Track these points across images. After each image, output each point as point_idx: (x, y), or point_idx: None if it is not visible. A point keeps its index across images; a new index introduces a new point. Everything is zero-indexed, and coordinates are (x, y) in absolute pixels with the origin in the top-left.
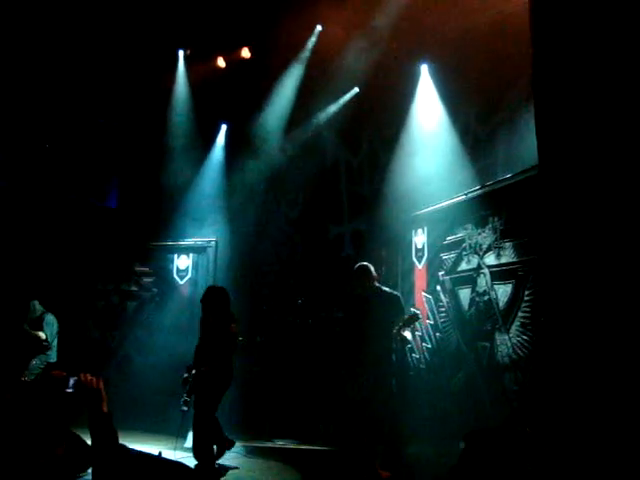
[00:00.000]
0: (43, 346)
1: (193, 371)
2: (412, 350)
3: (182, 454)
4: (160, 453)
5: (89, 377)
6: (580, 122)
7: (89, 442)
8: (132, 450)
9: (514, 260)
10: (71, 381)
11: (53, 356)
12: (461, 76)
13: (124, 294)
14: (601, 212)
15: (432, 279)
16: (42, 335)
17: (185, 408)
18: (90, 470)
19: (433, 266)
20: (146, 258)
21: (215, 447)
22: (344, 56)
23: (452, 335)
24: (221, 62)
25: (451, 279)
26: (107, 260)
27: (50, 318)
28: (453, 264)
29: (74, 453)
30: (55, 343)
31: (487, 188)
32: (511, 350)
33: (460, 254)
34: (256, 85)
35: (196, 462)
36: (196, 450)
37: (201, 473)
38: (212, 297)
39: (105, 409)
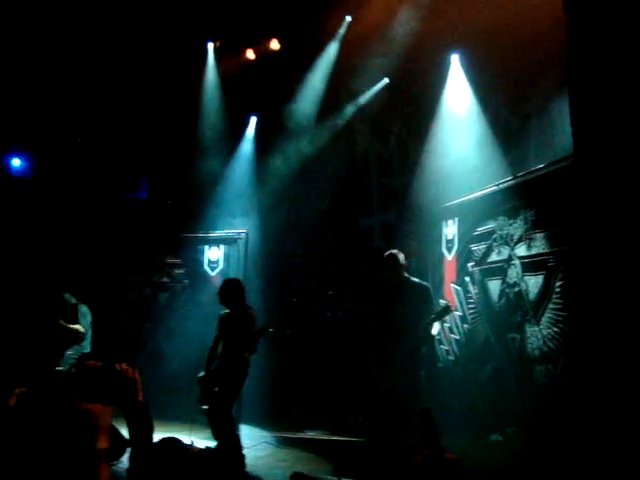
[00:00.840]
0: (78, 337)
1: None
2: (440, 342)
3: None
4: (192, 442)
5: (124, 367)
6: (617, 110)
7: (122, 432)
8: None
9: (545, 251)
10: (107, 370)
11: (87, 346)
12: (492, 65)
13: (155, 286)
14: (637, 203)
15: (461, 270)
16: (80, 328)
17: (205, 406)
18: (122, 459)
19: (462, 257)
20: (177, 250)
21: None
22: (374, 47)
23: (480, 327)
24: (250, 54)
25: (480, 270)
26: (138, 252)
27: (84, 309)
28: (483, 255)
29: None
30: (89, 334)
31: (519, 179)
32: (541, 342)
33: (490, 245)
34: (285, 77)
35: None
36: (220, 440)
37: (228, 460)
38: (227, 289)
39: (141, 399)
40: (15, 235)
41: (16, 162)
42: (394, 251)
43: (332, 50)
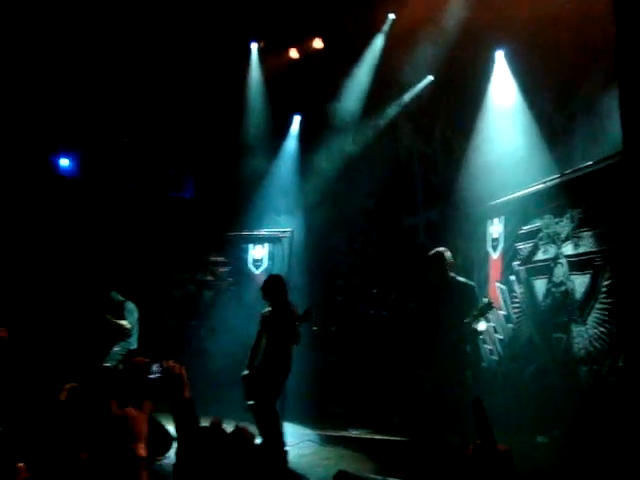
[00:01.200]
0: (124, 333)
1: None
2: (484, 341)
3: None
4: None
5: (171, 363)
6: None
7: (167, 427)
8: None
9: (592, 250)
10: (154, 367)
11: (134, 343)
12: (538, 61)
13: (200, 284)
14: None
15: (506, 269)
16: (126, 324)
17: (251, 402)
18: (168, 454)
19: (508, 256)
20: (222, 248)
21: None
22: (417, 44)
23: (525, 327)
24: (294, 53)
25: (526, 269)
26: (183, 250)
27: (130, 306)
28: (529, 254)
29: (152, 438)
30: (136, 330)
31: (566, 176)
32: (587, 342)
33: (536, 244)
34: (329, 75)
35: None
36: (265, 436)
37: (271, 454)
38: (270, 285)
39: (187, 395)
40: (63, 234)
41: (64, 162)
42: (440, 249)
43: (376, 48)
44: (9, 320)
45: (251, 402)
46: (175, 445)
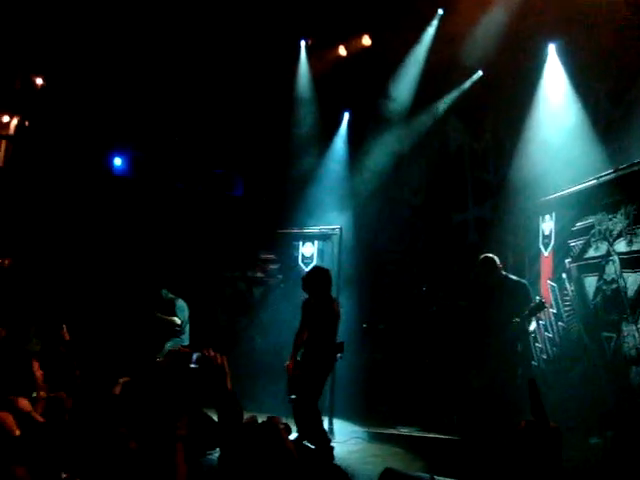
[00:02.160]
0: (176, 330)
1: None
2: (535, 339)
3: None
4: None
5: (212, 353)
6: None
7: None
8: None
9: None
10: (194, 357)
11: (185, 340)
12: (591, 53)
13: (250, 281)
14: None
15: (558, 267)
16: (177, 320)
17: (293, 396)
18: (218, 449)
19: (560, 253)
20: (272, 245)
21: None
22: (467, 39)
23: (574, 325)
24: (342, 50)
25: (577, 266)
26: (234, 248)
27: (181, 303)
28: (580, 251)
29: (202, 432)
30: (187, 327)
31: (620, 172)
32: (638, 342)
33: (588, 240)
34: (378, 72)
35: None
36: (307, 435)
37: (318, 452)
38: (311, 277)
39: (229, 386)
40: (116, 233)
41: (117, 161)
42: (489, 255)
43: (425, 43)
44: (66, 315)
45: (293, 396)
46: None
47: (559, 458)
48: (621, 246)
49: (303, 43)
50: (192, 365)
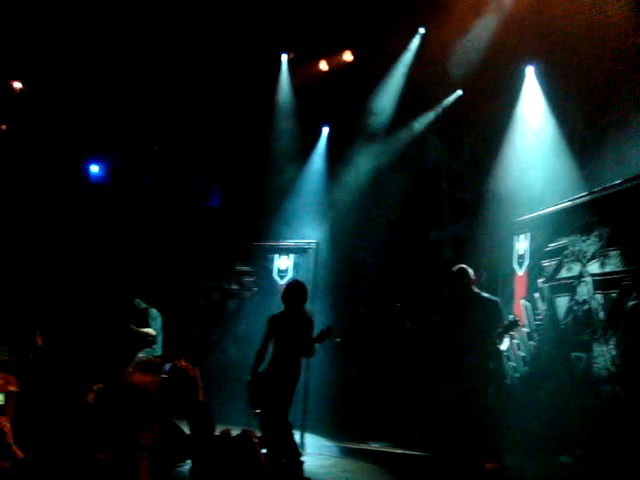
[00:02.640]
0: (149, 340)
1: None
2: (508, 358)
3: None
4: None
5: (184, 364)
6: None
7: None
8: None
9: (619, 269)
10: (166, 367)
11: (158, 350)
12: (568, 77)
13: (225, 292)
14: None
15: (531, 286)
16: (151, 331)
17: (258, 410)
18: (189, 461)
19: (533, 273)
20: (247, 258)
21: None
22: (447, 58)
23: (545, 344)
24: (324, 65)
25: (550, 287)
26: (209, 259)
27: (154, 312)
28: (553, 271)
29: (172, 443)
30: (160, 337)
31: (595, 194)
32: (610, 363)
33: (561, 261)
34: (358, 88)
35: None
36: (276, 448)
37: (278, 463)
38: (294, 289)
39: (201, 397)
40: (90, 240)
41: (94, 169)
42: (463, 266)
43: (405, 61)
44: (38, 324)
45: (258, 410)
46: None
47: None
48: (594, 267)
49: (285, 56)
50: (164, 375)
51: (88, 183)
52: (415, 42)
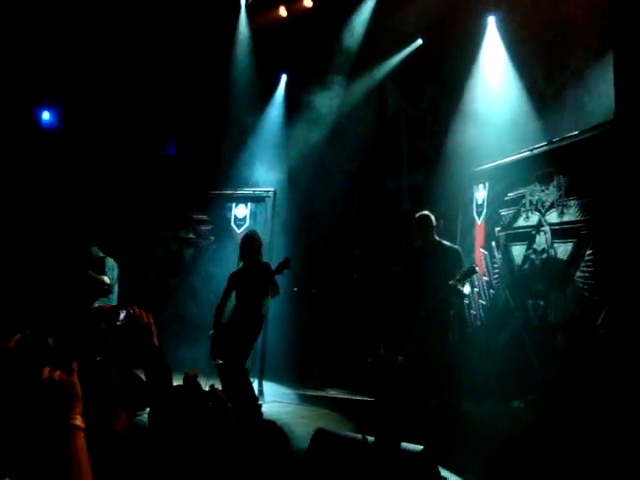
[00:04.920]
0: (105, 290)
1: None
2: (470, 306)
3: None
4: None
5: (138, 311)
6: None
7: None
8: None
9: (578, 219)
10: (121, 314)
11: (114, 299)
12: (529, 29)
13: (182, 241)
14: None
15: (489, 235)
16: (106, 279)
17: (220, 361)
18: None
19: (491, 222)
20: (204, 206)
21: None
22: (408, 6)
23: (502, 292)
24: (283, 11)
25: (506, 235)
26: (165, 208)
27: (111, 262)
28: (510, 220)
29: (132, 391)
30: (116, 287)
31: (554, 144)
32: (566, 310)
33: (519, 210)
34: (318, 35)
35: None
36: (235, 396)
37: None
38: (242, 244)
39: (156, 342)
40: (43, 188)
41: (46, 115)
42: (426, 212)
43: (366, 9)
44: None
45: (220, 361)
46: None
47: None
48: (553, 217)
49: (244, 1)
50: (119, 323)
51: (39, 129)
52: None
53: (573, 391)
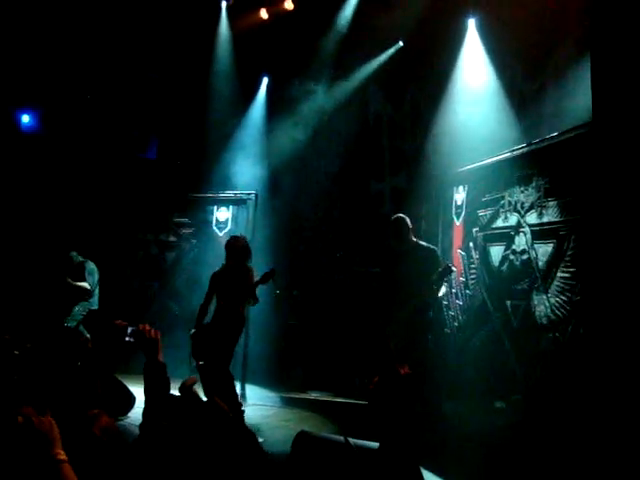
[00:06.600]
0: (85, 294)
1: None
2: (448, 307)
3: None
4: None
5: (147, 327)
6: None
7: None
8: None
9: (557, 219)
10: (129, 330)
11: (95, 304)
12: (509, 31)
13: (163, 245)
14: None
15: (467, 236)
16: (85, 285)
17: (201, 362)
18: (130, 414)
19: (469, 223)
20: (186, 209)
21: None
22: (389, 9)
23: (479, 293)
24: (264, 14)
25: (484, 236)
26: (147, 211)
27: (91, 266)
28: (488, 221)
29: (115, 397)
30: (97, 291)
31: (533, 146)
32: (549, 310)
33: (497, 211)
34: (299, 37)
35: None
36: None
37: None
38: (228, 245)
39: (161, 359)
40: (23, 192)
41: (25, 118)
42: (401, 215)
43: (347, 11)
44: None
45: (201, 362)
46: (141, 405)
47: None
48: (532, 218)
49: (224, 3)
50: (127, 338)
51: (19, 132)
52: None
53: (555, 391)
